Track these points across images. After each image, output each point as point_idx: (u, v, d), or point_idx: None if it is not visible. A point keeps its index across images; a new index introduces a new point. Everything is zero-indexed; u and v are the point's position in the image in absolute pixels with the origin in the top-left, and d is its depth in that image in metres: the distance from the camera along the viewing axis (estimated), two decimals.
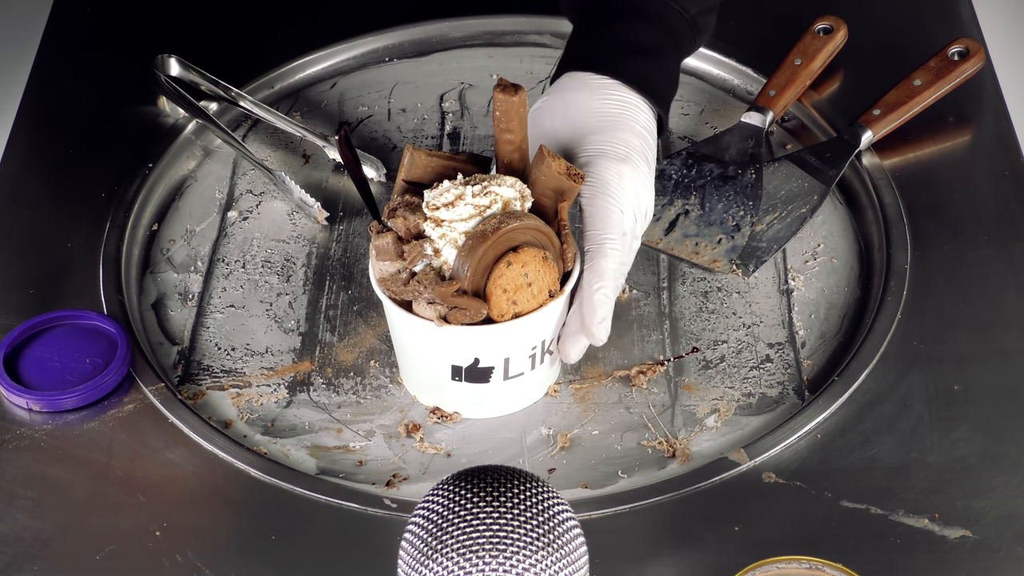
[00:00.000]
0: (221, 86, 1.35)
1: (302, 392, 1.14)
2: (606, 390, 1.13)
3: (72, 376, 1.11)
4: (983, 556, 1.00)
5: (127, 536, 1.02)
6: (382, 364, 1.15)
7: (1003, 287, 1.18)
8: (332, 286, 1.22)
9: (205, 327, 1.18)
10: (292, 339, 1.17)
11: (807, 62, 1.32)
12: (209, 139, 1.33)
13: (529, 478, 0.89)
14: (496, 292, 1.04)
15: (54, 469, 1.06)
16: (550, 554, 0.86)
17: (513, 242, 1.04)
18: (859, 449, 1.07)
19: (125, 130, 1.33)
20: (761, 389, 1.13)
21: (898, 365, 1.13)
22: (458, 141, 1.34)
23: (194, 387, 1.14)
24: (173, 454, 1.07)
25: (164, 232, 1.26)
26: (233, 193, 1.29)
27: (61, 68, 1.40)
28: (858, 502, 1.04)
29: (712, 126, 1.34)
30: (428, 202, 1.05)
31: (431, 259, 1.04)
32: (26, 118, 1.34)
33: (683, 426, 1.11)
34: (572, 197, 1.07)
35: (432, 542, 0.87)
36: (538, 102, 1.14)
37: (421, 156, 1.07)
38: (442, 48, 1.43)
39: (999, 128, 1.31)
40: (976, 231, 1.22)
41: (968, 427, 1.08)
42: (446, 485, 0.89)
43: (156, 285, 1.22)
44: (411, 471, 1.08)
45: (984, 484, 1.05)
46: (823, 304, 1.19)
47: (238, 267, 1.23)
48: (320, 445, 1.10)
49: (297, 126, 1.33)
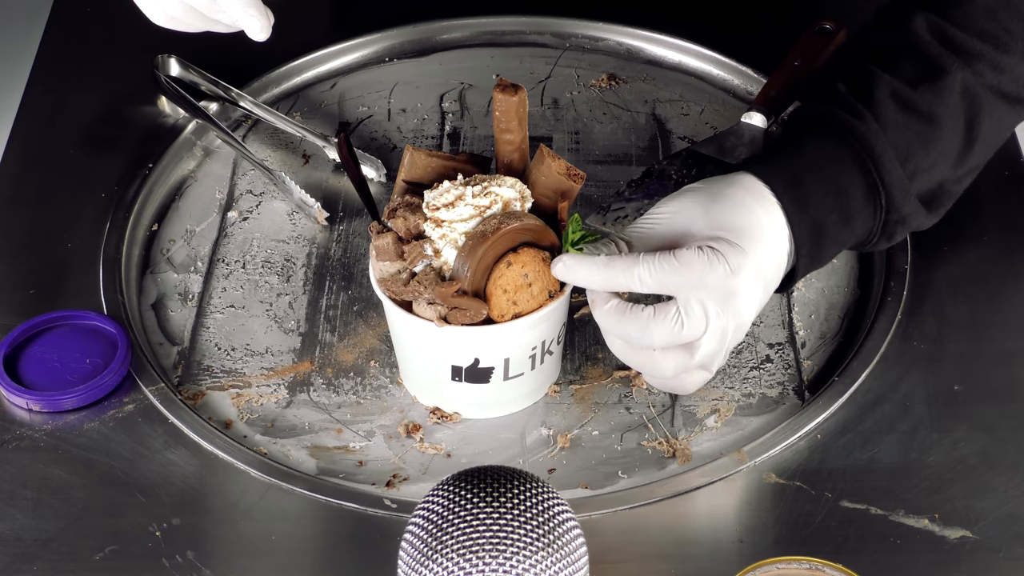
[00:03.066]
0: (221, 86, 1.35)
1: (302, 392, 1.14)
2: (606, 390, 1.13)
3: (72, 376, 1.11)
4: (983, 556, 1.00)
5: (127, 536, 1.02)
6: (382, 364, 1.15)
7: (1003, 287, 1.18)
8: (332, 286, 1.22)
9: (205, 327, 1.18)
10: (292, 339, 1.17)
11: (807, 62, 1.32)
12: (209, 139, 1.33)
13: (529, 478, 0.89)
14: (496, 292, 1.04)
15: (54, 469, 1.06)
16: (550, 554, 0.86)
17: (513, 242, 1.04)
18: (859, 449, 1.07)
19: (125, 130, 1.33)
20: (761, 389, 1.13)
21: (898, 365, 1.13)
22: (458, 141, 1.34)
23: (194, 387, 1.14)
24: (173, 454, 1.07)
25: (164, 232, 1.26)
26: (233, 193, 1.29)
27: (61, 68, 1.40)
28: (858, 502, 1.04)
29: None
30: (428, 202, 1.05)
31: (431, 259, 1.04)
32: (26, 118, 1.34)
33: (683, 426, 1.11)
34: (572, 197, 1.07)
35: (432, 542, 0.87)
36: (695, 184, 1.08)
37: (421, 156, 1.07)
38: (442, 48, 1.43)
39: None
40: (976, 231, 1.22)
41: (968, 427, 1.08)
42: (446, 485, 0.89)
43: (156, 285, 1.22)
44: (411, 471, 1.08)
45: (984, 484, 1.05)
46: (823, 304, 1.19)
47: (238, 267, 1.23)
48: (320, 445, 1.10)
49: (297, 126, 1.33)
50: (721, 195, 1.05)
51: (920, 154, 1.09)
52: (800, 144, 1.09)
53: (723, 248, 1.02)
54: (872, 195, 1.08)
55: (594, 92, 1.38)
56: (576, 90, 1.39)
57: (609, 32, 1.42)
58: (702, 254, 1.01)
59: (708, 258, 1.01)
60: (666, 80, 1.39)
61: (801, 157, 1.08)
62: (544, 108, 1.37)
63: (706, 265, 1.01)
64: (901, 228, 1.11)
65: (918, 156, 1.09)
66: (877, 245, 1.12)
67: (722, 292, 1.02)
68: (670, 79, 1.40)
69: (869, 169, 1.08)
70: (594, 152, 1.33)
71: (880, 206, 1.08)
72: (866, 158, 1.08)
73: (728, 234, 1.03)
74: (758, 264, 1.03)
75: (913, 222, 1.11)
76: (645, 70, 1.41)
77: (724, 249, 1.02)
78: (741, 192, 1.05)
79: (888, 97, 1.09)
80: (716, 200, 1.05)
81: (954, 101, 1.10)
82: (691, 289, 1.01)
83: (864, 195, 1.08)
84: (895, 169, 1.08)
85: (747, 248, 1.02)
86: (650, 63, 1.41)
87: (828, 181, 1.07)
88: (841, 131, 1.08)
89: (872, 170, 1.08)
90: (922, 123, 1.09)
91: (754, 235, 1.03)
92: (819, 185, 1.06)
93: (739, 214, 1.04)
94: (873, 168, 1.08)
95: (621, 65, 1.41)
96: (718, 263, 1.01)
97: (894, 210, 1.09)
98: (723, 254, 1.02)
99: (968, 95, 1.10)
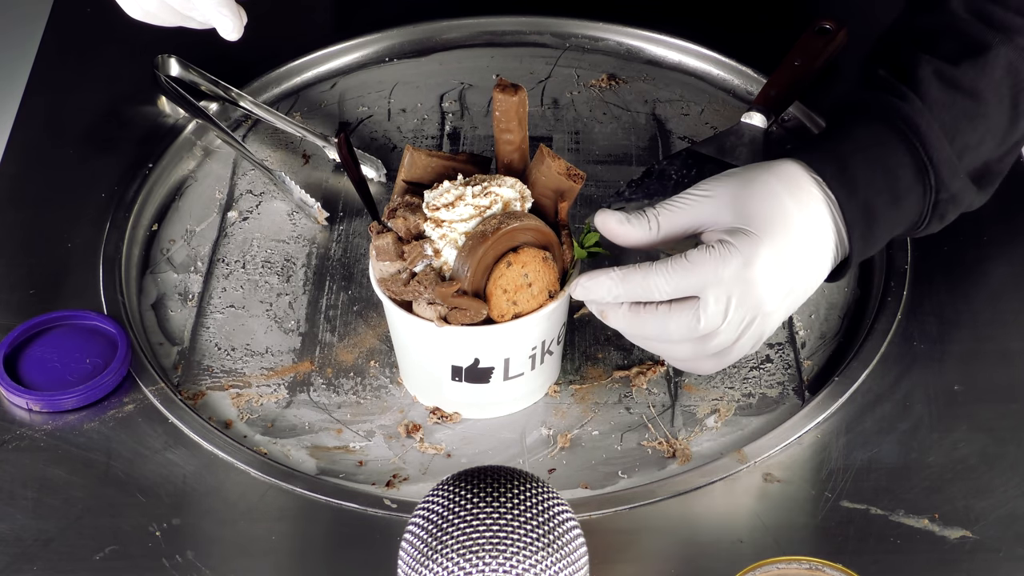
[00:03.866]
0: (221, 86, 1.35)
1: (302, 392, 1.14)
2: (606, 390, 1.13)
3: (72, 376, 1.11)
4: (983, 556, 1.00)
5: (127, 536, 1.02)
6: (382, 364, 1.15)
7: (1003, 287, 1.18)
8: (332, 286, 1.22)
9: (205, 327, 1.18)
10: (292, 339, 1.17)
11: (807, 62, 1.32)
12: (209, 139, 1.33)
13: (529, 478, 0.89)
14: (496, 292, 1.04)
15: (54, 469, 1.06)
16: (550, 554, 0.86)
17: (513, 242, 1.04)
18: (859, 449, 1.07)
19: (125, 130, 1.33)
20: (761, 389, 1.13)
21: (898, 365, 1.13)
22: (458, 141, 1.34)
23: (194, 387, 1.14)
24: (173, 454, 1.07)
25: (164, 232, 1.26)
26: (233, 193, 1.29)
27: (61, 68, 1.40)
28: (858, 502, 1.04)
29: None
30: (428, 202, 1.05)
31: (431, 259, 1.04)
32: (26, 118, 1.34)
33: (683, 426, 1.11)
34: (572, 197, 1.07)
35: (432, 542, 0.87)
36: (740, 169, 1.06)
37: (421, 156, 1.07)
38: (442, 48, 1.43)
39: None
40: (976, 231, 1.22)
41: (968, 427, 1.08)
42: (446, 485, 0.89)
43: (156, 285, 1.22)
44: (411, 471, 1.08)
45: (984, 484, 1.05)
46: (823, 304, 1.19)
47: (238, 267, 1.23)
48: (320, 445, 1.10)
49: (297, 126, 1.33)
50: (753, 182, 1.04)
51: (967, 131, 1.08)
52: (845, 128, 1.08)
53: (737, 240, 1.01)
54: (921, 175, 1.07)
55: (594, 92, 1.38)
56: (576, 90, 1.39)
57: (609, 32, 1.42)
58: (714, 251, 1.01)
59: (720, 254, 1.01)
60: (666, 80, 1.40)
61: (847, 141, 1.07)
62: (544, 108, 1.37)
63: (719, 261, 1.01)
64: (953, 208, 1.10)
65: (965, 133, 1.08)
66: (929, 227, 1.10)
67: (739, 284, 1.01)
68: (670, 79, 1.40)
69: (916, 148, 1.06)
70: (594, 152, 1.33)
71: (930, 186, 1.07)
72: (912, 137, 1.06)
73: (747, 224, 1.02)
74: (778, 254, 1.02)
75: (964, 201, 1.10)
76: (645, 70, 1.41)
77: (738, 241, 1.01)
78: (774, 180, 1.04)
79: (931, 76, 1.08)
80: (746, 187, 1.04)
81: (998, 76, 1.09)
82: (709, 287, 1.01)
83: (913, 175, 1.06)
84: (943, 147, 1.07)
85: (765, 238, 1.02)
86: (650, 63, 1.41)
87: (875, 162, 1.06)
88: (885, 113, 1.07)
89: (919, 149, 1.06)
90: (967, 100, 1.08)
91: (775, 225, 1.02)
92: (866, 167, 1.05)
93: (765, 204, 1.03)
94: (920, 147, 1.06)
95: (621, 65, 1.41)
96: (731, 256, 1.01)
97: (944, 188, 1.08)
98: (736, 246, 1.01)
99: (1012, 70, 1.09)
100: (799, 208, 1.03)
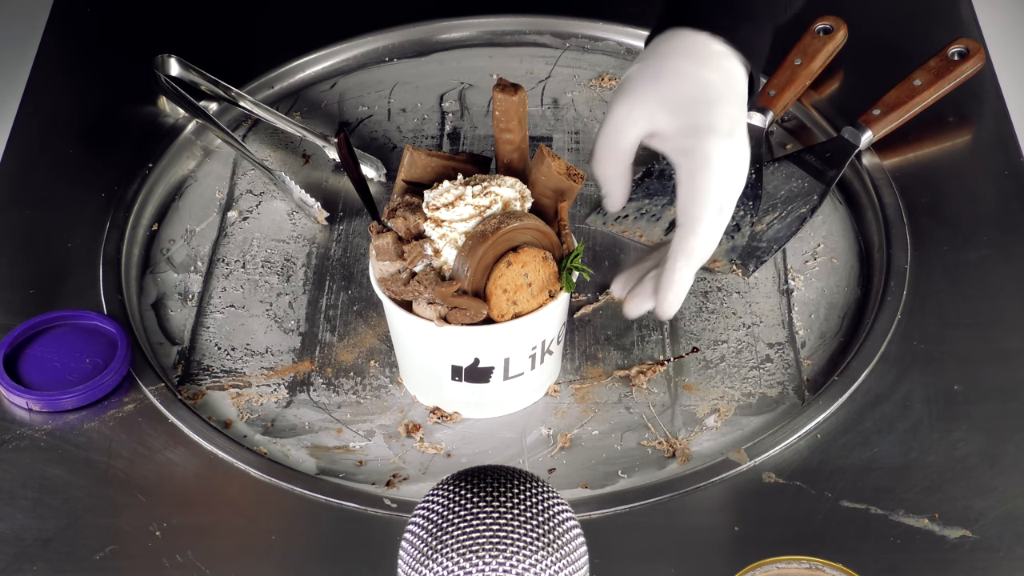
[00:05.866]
0: (221, 86, 1.35)
1: (302, 392, 1.14)
2: (606, 390, 1.13)
3: (72, 376, 1.11)
4: (983, 556, 1.00)
5: (127, 536, 1.02)
6: (382, 364, 1.15)
7: (1003, 287, 1.18)
8: (332, 286, 1.22)
9: (205, 327, 1.18)
10: (292, 339, 1.17)
11: (807, 62, 1.32)
12: (209, 139, 1.33)
13: (529, 478, 0.89)
14: (496, 292, 1.04)
15: (54, 469, 1.06)
16: (550, 554, 0.86)
17: (513, 242, 1.04)
18: (859, 449, 1.07)
19: (125, 130, 1.33)
20: (761, 389, 1.13)
21: (898, 365, 1.13)
22: (458, 141, 1.34)
23: (194, 387, 1.14)
24: (173, 454, 1.07)
25: (164, 232, 1.26)
26: (233, 193, 1.29)
27: (61, 68, 1.40)
28: (858, 502, 1.04)
29: None
30: (428, 202, 1.05)
31: (431, 259, 1.04)
32: (26, 118, 1.34)
33: (683, 426, 1.11)
34: (572, 197, 1.07)
35: (432, 542, 0.87)
36: (633, 67, 1.06)
37: (421, 156, 1.07)
38: (442, 48, 1.43)
39: (999, 128, 1.31)
40: (976, 231, 1.22)
41: (968, 427, 1.08)
42: (446, 485, 0.89)
43: (156, 285, 1.22)
44: (411, 471, 1.08)
45: (984, 484, 1.05)
46: (823, 304, 1.19)
47: (238, 267, 1.23)
48: (320, 445, 1.10)
49: (297, 126, 1.33)
50: (662, 75, 1.05)
51: None
52: None
53: (690, 145, 1.02)
54: None
55: (594, 92, 1.38)
56: (576, 90, 1.39)
57: (609, 32, 1.42)
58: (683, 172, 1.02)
59: (698, 166, 1.02)
60: None
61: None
62: (544, 108, 1.37)
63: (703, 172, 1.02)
64: None
65: None
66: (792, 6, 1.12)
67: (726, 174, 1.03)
68: None
69: None
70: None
71: None
72: None
73: (687, 118, 1.03)
74: (725, 119, 1.03)
75: None
76: None
77: (692, 146, 1.02)
78: (680, 61, 1.05)
79: None
80: (660, 82, 1.04)
81: None
82: (711, 194, 1.02)
83: None
84: None
85: (709, 122, 1.03)
86: None
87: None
88: None
89: None
90: None
91: (710, 100, 1.03)
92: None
93: (687, 88, 1.04)
94: None
95: (621, 65, 1.41)
96: (705, 162, 1.02)
97: None
98: (695, 152, 1.02)
99: None
100: (715, 72, 1.04)
